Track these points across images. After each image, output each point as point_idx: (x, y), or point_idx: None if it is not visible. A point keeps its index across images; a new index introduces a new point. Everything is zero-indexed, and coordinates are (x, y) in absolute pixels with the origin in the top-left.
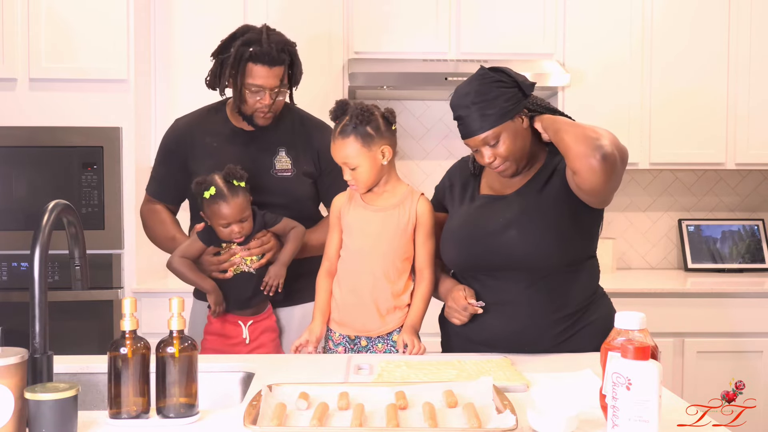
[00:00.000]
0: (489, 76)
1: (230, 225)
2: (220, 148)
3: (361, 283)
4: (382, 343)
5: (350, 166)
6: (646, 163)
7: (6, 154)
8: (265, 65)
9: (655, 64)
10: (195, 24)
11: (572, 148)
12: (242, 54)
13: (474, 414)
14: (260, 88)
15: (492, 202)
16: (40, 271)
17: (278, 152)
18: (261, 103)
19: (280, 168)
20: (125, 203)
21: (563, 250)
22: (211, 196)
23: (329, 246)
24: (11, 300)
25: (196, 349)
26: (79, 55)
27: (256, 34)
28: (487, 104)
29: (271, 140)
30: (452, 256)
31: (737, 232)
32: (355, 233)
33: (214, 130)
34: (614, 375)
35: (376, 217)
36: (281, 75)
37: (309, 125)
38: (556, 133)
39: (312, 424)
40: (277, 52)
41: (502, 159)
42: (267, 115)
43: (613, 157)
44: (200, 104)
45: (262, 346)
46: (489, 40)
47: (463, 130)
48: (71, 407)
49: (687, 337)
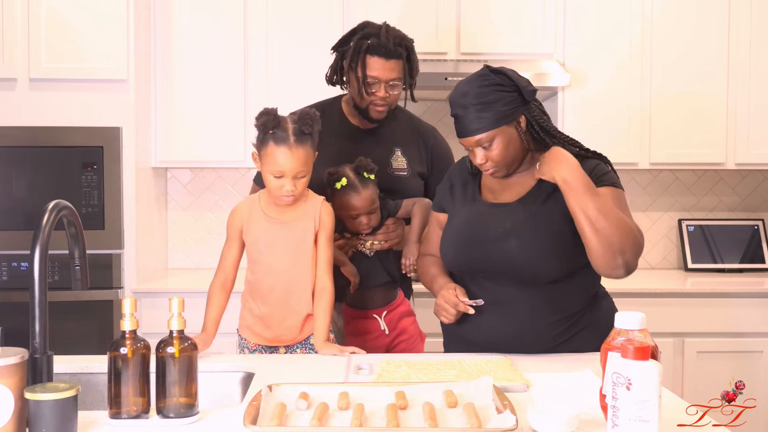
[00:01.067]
0: (489, 78)
1: (359, 216)
2: (338, 145)
3: (274, 296)
4: (301, 348)
5: (302, 175)
6: (646, 163)
7: (6, 154)
8: (381, 57)
9: (655, 64)
10: (195, 24)
11: (594, 250)
12: (360, 46)
13: (474, 414)
14: (376, 80)
15: (493, 209)
16: (40, 271)
17: (394, 151)
18: (376, 95)
19: (397, 167)
20: (125, 203)
21: (563, 261)
22: (342, 187)
23: (226, 258)
24: (11, 300)
25: (196, 349)
26: (79, 55)
27: (375, 29)
28: (485, 107)
29: (388, 139)
30: (450, 258)
31: (737, 232)
32: (263, 247)
33: (331, 127)
34: (614, 375)
35: (282, 229)
36: (397, 68)
37: (421, 127)
38: (575, 212)
39: (312, 424)
40: (393, 45)
41: (493, 162)
42: (381, 108)
43: (634, 267)
44: (200, 104)
45: (404, 332)
46: (489, 40)
47: (458, 129)
48: (71, 407)
49: (687, 337)
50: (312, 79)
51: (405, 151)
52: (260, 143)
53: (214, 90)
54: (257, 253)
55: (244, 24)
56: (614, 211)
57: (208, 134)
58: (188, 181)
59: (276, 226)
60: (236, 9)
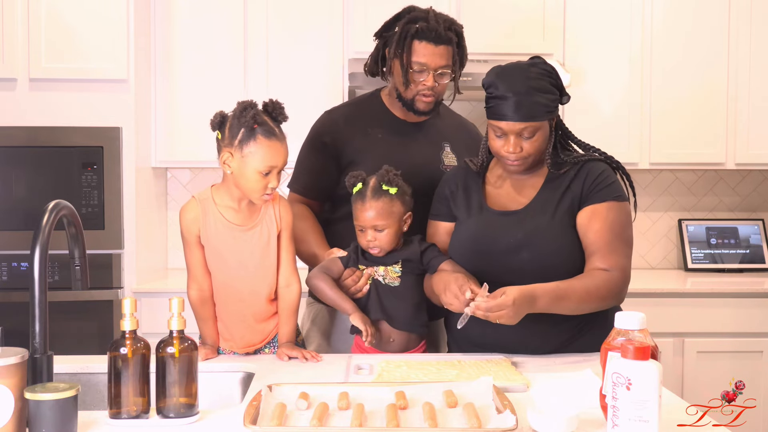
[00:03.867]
0: (545, 68)
1: (365, 230)
2: (386, 138)
3: (237, 301)
4: (269, 348)
5: (279, 168)
6: (646, 163)
7: (6, 154)
8: (430, 42)
9: (655, 63)
10: (195, 23)
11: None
12: (407, 31)
13: (474, 414)
14: (424, 67)
15: (502, 219)
16: (40, 271)
17: (444, 147)
18: (424, 84)
19: (449, 164)
20: (125, 203)
21: (575, 268)
22: (356, 192)
23: (194, 266)
24: (11, 300)
25: (196, 349)
26: (79, 55)
27: (423, 12)
28: (537, 94)
29: (437, 134)
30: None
31: (737, 232)
32: (222, 252)
33: (374, 119)
34: (614, 375)
35: (244, 237)
36: (447, 55)
37: (463, 121)
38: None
39: (312, 424)
40: (444, 29)
41: (526, 154)
42: (429, 98)
43: (623, 296)
44: (200, 104)
45: None
46: (489, 39)
47: (501, 110)
48: (71, 407)
49: (687, 337)
50: (312, 79)
51: (454, 146)
52: (245, 139)
53: (214, 90)
54: (216, 259)
55: (244, 24)
56: (576, 294)
57: (208, 134)
58: (188, 181)
59: (237, 232)
60: (236, 9)
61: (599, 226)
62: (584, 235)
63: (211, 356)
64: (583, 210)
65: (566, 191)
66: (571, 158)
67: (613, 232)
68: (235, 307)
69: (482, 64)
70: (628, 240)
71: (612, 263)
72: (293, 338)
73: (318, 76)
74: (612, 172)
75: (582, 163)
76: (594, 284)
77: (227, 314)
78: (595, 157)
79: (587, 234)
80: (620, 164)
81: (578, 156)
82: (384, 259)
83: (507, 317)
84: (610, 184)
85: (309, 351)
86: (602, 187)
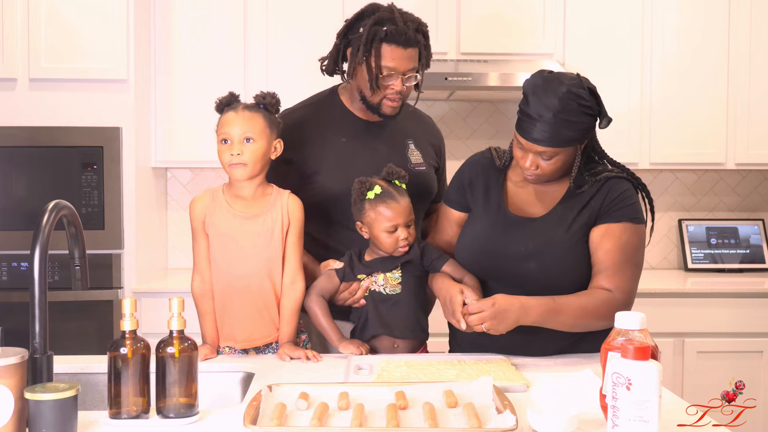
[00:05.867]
0: (582, 97)
1: (397, 229)
2: (349, 143)
3: (241, 296)
4: (272, 351)
5: (250, 137)
6: (646, 163)
7: (6, 154)
8: (399, 46)
9: (655, 63)
10: (195, 24)
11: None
12: (375, 34)
13: (474, 414)
14: (392, 71)
15: (518, 225)
16: (40, 271)
17: (408, 145)
18: (392, 88)
19: (415, 162)
20: (125, 203)
21: (579, 282)
22: (376, 195)
23: (199, 257)
24: (11, 300)
25: (196, 349)
26: (79, 55)
27: (388, 12)
28: (566, 124)
29: (400, 132)
30: (466, 264)
31: (737, 232)
32: (227, 244)
33: (334, 123)
34: (614, 375)
35: (248, 224)
36: (415, 57)
37: (422, 116)
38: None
39: (312, 424)
40: (413, 32)
41: (542, 172)
42: (396, 103)
43: (630, 305)
44: (200, 104)
45: None
46: (489, 39)
47: (525, 128)
48: (71, 407)
49: (687, 337)
50: (312, 79)
51: (417, 143)
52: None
53: (214, 90)
54: (221, 250)
55: (244, 24)
56: (572, 310)
57: (208, 134)
58: (188, 181)
59: (241, 220)
60: (236, 9)
61: (611, 246)
62: (594, 252)
63: (210, 356)
64: (597, 227)
65: (585, 206)
66: (595, 175)
67: (623, 254)
68: (238, 298)
69: (482, 64)
70: (638, 263)
71: (616, 284)
72: (294, 339)
73: (318, 75)
74: (634, 193)
75: (605, 180)
76: (593, 303)
77: (230, 304)
78: (620, 175)
79: (597, 252)
80: (645, 186)
81: (602, 172)
82: (383, 265)
83: (490, 322)
84: (630, 205)
85: (310, 351)
86: (621, 207)
